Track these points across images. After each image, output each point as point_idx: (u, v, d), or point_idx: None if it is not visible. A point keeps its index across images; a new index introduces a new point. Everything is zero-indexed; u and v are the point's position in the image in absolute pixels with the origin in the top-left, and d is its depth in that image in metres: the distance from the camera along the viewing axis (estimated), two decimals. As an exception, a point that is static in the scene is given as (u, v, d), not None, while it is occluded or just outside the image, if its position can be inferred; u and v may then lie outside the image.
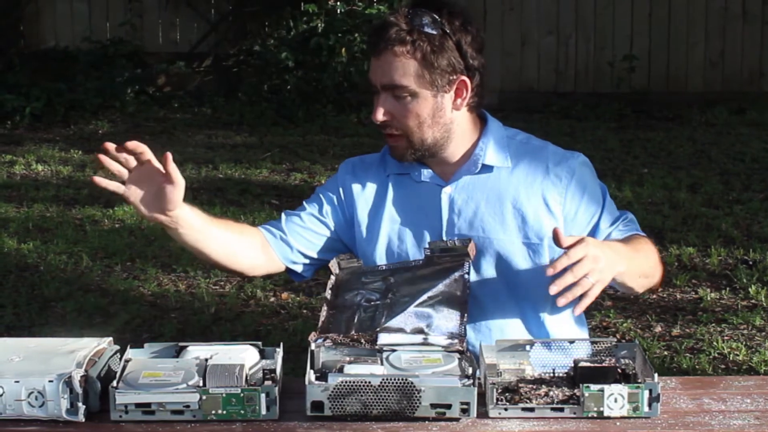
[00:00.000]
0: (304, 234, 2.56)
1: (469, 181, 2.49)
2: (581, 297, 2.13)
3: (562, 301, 2.11)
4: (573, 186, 2.46)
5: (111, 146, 2.24)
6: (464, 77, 2.41)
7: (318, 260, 2.58)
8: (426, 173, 2.51)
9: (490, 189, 2.48)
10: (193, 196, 6.99)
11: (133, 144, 2.23)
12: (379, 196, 2.55)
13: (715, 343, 4.53)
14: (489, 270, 2.47)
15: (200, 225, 2.39)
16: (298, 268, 2.58)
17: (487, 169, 2.48)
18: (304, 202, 2.61)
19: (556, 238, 2.15)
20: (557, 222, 2.45)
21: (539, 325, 2.50)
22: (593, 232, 2.45)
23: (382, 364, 2.09)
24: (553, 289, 2.10)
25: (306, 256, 2.57)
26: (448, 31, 2.37)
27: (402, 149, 2.45)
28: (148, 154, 2.25)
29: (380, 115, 2.41)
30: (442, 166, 2.50)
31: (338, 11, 9.58)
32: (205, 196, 7.03)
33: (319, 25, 9.56)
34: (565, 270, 2.11)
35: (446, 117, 2.43)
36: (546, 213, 2.45)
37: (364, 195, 2.56)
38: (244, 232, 2.53)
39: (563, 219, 2.45)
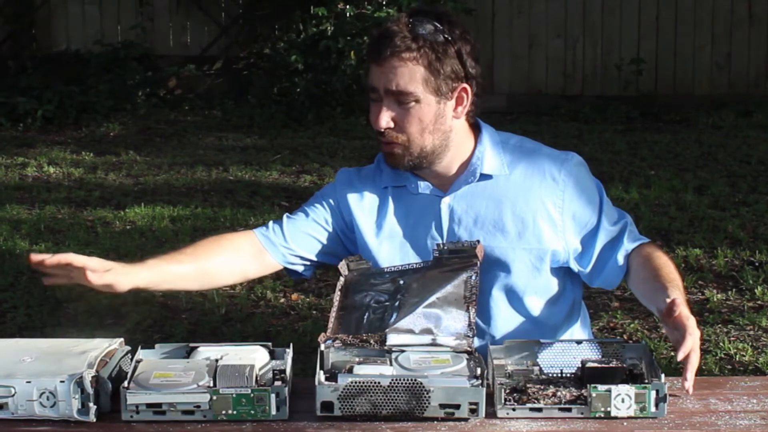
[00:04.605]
0: (307, 240, 2.56)
1: (468, 190, 2.48)
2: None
3: (691, 388, 2.12)
4: (570, 188, 2.46)
5: (37, 258, 2.23)
6: (465, 84, 2.42)
7: (319, 263, 2.60)
8: (423, 185, 2.50)
9: (489, 196, 2.47)
10: (203, 198, 7.02)
11: (57, 258, 2.24)
12: (380, 209, 2.54)
13: (721, 344, 4.54)
14: (492, 277, 2.47)
15: (158, 279, 2.51)
16: (298, 269, 2.59)
17: (485, 177, 2.48)
18: (304, 207, 2.60)
19: (670, 310, 2.14)
20: (556, 225, 2.45)
21: (542, 329, 2.49)
22: (594, 232, 2.47)
23: (391, 364, 2.11)
24: (688, 383, 2.11)
25: (306, 259, 2.58)
26: (449, 38, 2.38)
27: (399, 157, 2.43)
28: (76, 261, 2.24)
29: (383, 122, 2.39)
30: (440, 178, 2.50)
31: (347, 14, 9.58)
32: (216, 198, 7.04)
33: (329, 28, 9.57)
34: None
35: (446, 124, 2.43)
36: (545, 217, 2.46)
37: (362, 206, 2.55)
38: (225, 248, 2.52)
39: (562, 221, 2.46)
